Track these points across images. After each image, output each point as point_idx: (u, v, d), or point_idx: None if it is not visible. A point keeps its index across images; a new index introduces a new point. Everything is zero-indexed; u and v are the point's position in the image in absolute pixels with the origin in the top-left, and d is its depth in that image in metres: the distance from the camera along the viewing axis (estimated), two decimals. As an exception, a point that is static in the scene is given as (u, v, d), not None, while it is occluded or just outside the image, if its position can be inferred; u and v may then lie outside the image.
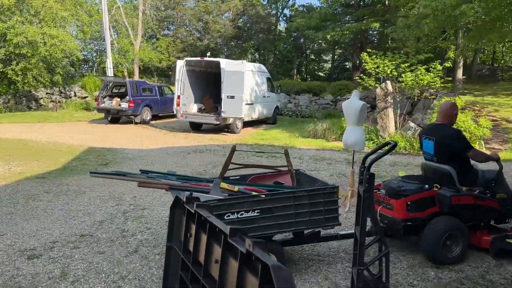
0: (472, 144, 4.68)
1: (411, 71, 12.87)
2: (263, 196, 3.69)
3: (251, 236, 3.47)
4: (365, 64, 13.92)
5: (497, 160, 4.52)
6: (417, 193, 4.26)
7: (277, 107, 18.33)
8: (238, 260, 1.28)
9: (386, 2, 24.34)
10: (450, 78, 16.36)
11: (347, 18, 28.41)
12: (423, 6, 12.13)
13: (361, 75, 15.08)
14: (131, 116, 16.69)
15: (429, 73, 12.66)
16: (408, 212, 4.20)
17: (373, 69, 13.38)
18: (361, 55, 14.95)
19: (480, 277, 3.96)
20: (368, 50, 14.60)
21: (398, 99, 13.25)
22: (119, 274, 3.96)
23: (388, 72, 13.02)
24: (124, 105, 16.42)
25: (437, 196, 4.27)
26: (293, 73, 34.45)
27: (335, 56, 37.90)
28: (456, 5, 11.53)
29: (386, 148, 3.05)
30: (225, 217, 3.50)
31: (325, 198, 3.84)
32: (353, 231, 4.65)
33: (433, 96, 14.62)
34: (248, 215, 3.54)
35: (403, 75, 12.78)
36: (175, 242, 1.83)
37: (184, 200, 1.66)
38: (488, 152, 7.45)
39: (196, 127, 15.60)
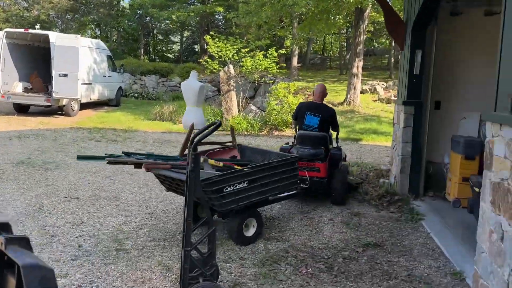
0: None
1: (251, 56, 13.48)
2: (246, 169, 4.14)
3: (243, 204, 4.10)
4: (208, 47, 14.07)
5: None
6: (327, 155, 5.54)
7: (120, 88, 17.29)
8: (-4, 261, 1.06)
9: (230, -13, 24.93)
10: (284, 65, 17.74)
11: (192, 0, 28.29)
12: (262, -7, 12.78)
13: (206, 58, 15.22)
14: None
15: (266, 59, 13.45)
16: (327, 171, 5.47)
17: (216, 52, 13.60)
18: (205, 37, 15.06)
19: (302, 245, 4.35)
20: (211, 33, 14.77)
21: (240, 83, 13.79)
22: None
23: (230, 56, 13.41)
24: None
25: (332, 155, 5.65)
26: (140, 53, 32.89)
27: (184, 38, 37.48)
28: (290, -6, 12.45)
29: (211, 128, 3.06)
30: (224, 190, 3.89)
31: (290, 166, 4.54)
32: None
33: (272, 81, 15.67)
34: (240, 186, 4.03)
35: (243, 59, 13.31)
36: None
37: None
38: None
39: (22, 110, 13.67)
